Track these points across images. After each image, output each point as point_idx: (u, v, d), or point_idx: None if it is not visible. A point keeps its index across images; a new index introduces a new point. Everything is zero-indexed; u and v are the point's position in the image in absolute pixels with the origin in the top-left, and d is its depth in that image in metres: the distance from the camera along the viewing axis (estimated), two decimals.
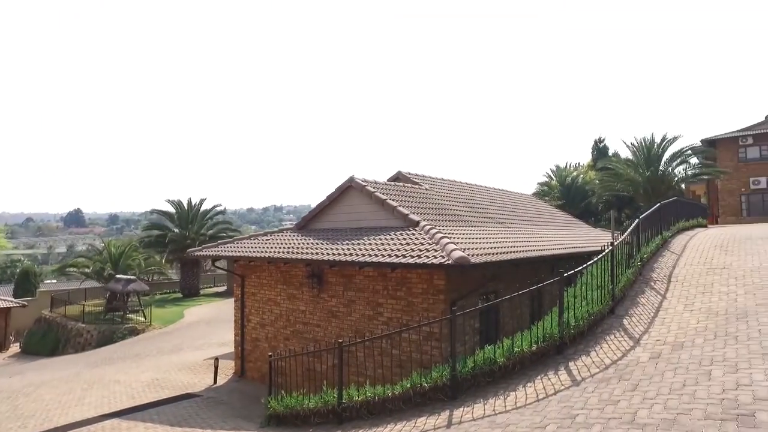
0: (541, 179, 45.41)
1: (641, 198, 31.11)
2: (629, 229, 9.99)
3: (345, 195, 13.27)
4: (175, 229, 40.21)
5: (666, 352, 6.16)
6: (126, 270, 32.94)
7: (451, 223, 12.75)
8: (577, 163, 47.56)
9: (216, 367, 13.69)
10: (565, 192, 39.80)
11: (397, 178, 16.26)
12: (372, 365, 9.25)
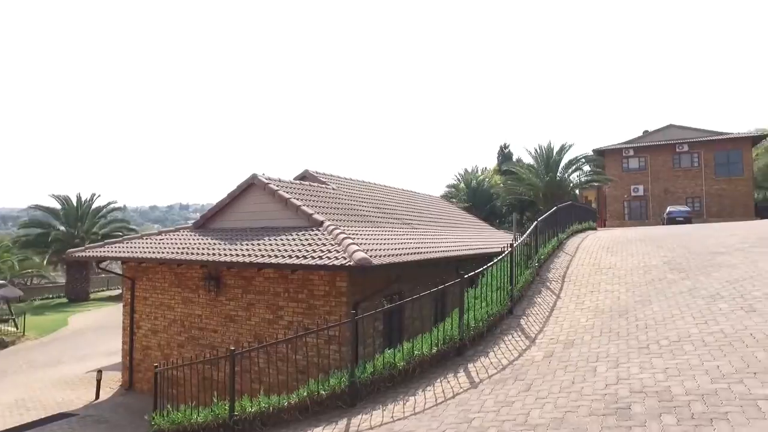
0: (450, 182, 46.94)
1: (541, 202, 33.06)
2: (528, 232, 10.36)
3: (247, 193, 12.60)
4: (61, 228, 36.53)
5: (558, 351, 6.34)
6: None
7: (356, 223, 12.54)
8: (484, 168, 49.72)
9: (99, 381, 12.40)
10: (472, 195, 41.38)
11: (304, 176, 15.80)
12: (275, 372, 8.77)
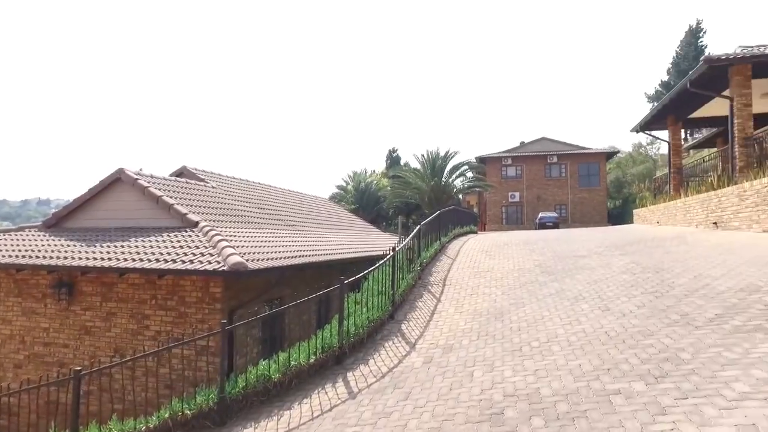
0: (339, 183, 46.85)
1: (426, 205, 34.07)
2: (410, 236, 10.42)
3: (112, 189, 11.29)
4: None
5: (437, 356, 6.33)
6: None
7: (237, 224, 11.81)
8: (373, 170, 50.36)
9: None
10: (360, 197, 41.63)
11: (181, 173, 14.62)
12: (140, 389, 7.81)
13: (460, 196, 42.09)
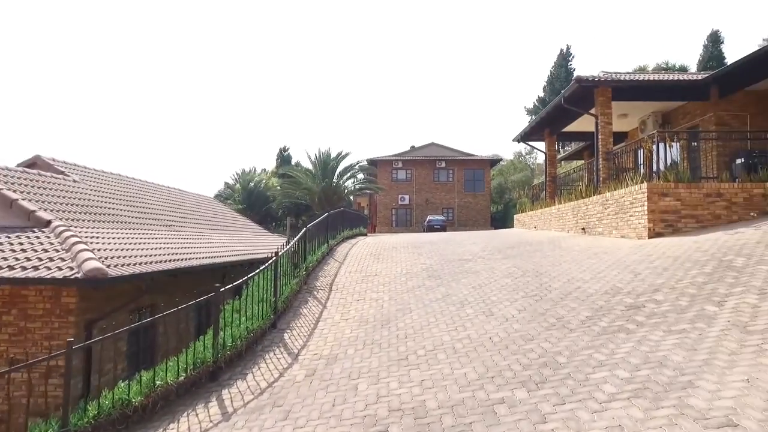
0: (228, 181, 44.69)
1: (317, 206, 33.63)
2: (296, 239, 9.97)
3: None
4: None
5: (321, 368, 5.98)
6: None
7: (102, 224, 10.50)
8: (263, 169, 48.76)
9: None
10: (248, 196, 40.03)
11: (34, 163, 12.74)
12: None
13: (352, 198, 42.20)
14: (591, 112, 14.12)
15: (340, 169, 35.17)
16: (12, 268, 6.80)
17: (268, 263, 7.75)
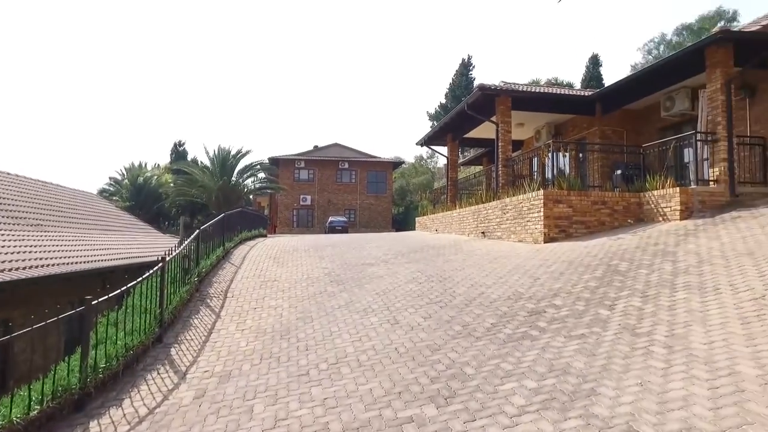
0: (115, 176, 40.88)
1: (214, 206, 31.80)
2: (187, 242, 9.12)
3: None
4: None
5: (212, 388, 5.37)
6: None
7: None
8: (155, 164, 45.34)
9: None
10: (137, 193, 36.98)
11: None
12: None
13: (251, 197, 40.57)
14: (492, 119, 14.61)
15: (239, 167, 33.62)
16: None
17: (153, 269, 6.91)
